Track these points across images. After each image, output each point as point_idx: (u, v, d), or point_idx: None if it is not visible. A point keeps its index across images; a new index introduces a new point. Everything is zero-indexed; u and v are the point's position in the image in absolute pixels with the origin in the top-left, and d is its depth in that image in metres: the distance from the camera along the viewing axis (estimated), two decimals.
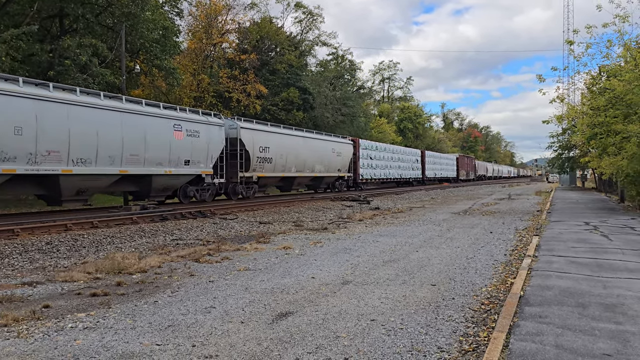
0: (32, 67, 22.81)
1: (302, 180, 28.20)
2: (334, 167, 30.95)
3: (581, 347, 4.25)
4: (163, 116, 17.59)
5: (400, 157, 45.07)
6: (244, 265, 8.36)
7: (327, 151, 30.14)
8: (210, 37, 40.14)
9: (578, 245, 10.03)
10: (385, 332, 4.86)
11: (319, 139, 29.73)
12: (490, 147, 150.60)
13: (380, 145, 41.11)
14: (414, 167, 48.68)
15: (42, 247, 10.18)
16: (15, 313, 5.37)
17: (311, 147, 27.98)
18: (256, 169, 23.20)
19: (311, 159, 27.88)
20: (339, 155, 31.47)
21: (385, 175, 40.36)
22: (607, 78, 19.09)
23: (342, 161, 32.15)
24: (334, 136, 32.39)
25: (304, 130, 28.79)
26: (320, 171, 29.17)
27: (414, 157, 49.44)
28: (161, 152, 17.37)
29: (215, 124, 20.40)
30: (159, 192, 18.18)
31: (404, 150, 47.62)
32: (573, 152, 42.14)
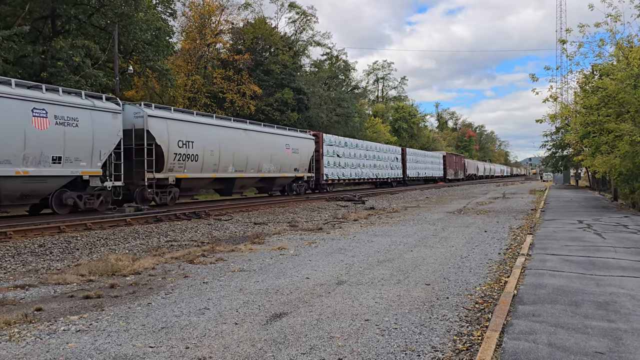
0: (24, 69, 22.69)
1: (246, 182, 23.86)
2: (288, 166, 26.62)
3: (574, 345, 4.27)
4: (15, 97, 13.40)
5: (377, 154, 40.71)
6: (239, 266, 8.35)
7: (279, 147, 25.72)
8: (204, 37, 40.06)
9: (572, 244, 10.07)
10: (379, 332, 4.86)
11: (267, 132, 25.24)
12: (484, 146, 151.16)
13: (351, 141, 36.63)
14: (394, 166, 44.60)
15: (35, 249, 10.12)
16: (7, 316, 5.33)
17: (257, 143, 23.73)
18: (174, 169, 18.70)
19: (257, 156, 23.56)
20: (295, 152, 27.17)
21: (357, 175, 36.16)
22: (599, 77, 19.19)
23: (299, 159, 27.79)
24: (289, 130, 28.19)
25: (247, 122, 24.17)
26: (270, 171, 24.97)
27: (393, 154, 45.03)
28: (9, 146, 13.23)
29: (105, 109, 16.06)
30: (13, 200, 13.95)
31: (381, 148, 42.85)
32: (567, 150, 42.38)
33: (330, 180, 31.95)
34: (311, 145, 29.61)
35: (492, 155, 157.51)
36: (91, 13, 26.55)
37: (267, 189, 26.63)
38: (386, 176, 42.65)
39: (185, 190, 20.41)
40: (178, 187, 19.46)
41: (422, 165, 53.96)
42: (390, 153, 44.36)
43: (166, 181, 18.51)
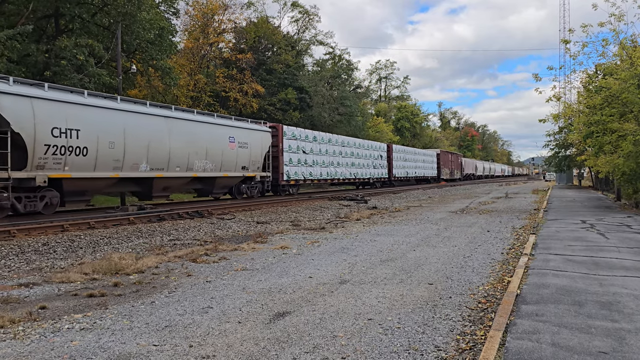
0: (27, 68, 22.75)
1: (171, 183, 18.89)
2: (232, 164, 21.68)
3: (577, 345, 4.26)
4: None
5: (356, 151, 35.86)
6: (242, 265, 8.36)
7: (219, 141, 20.84)
8: (206, 36, 40.10)
9: (575, 244, 10.05)
10: (382, 332, 4.86)
11: (201, 121, 20.03)
12: (487, 146, 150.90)
13: (322, 135, 31.63)
14: (377, 165, 39.80)
15: (39, 248, 10.15)
16: (12, 314, 5.35)
17: (185, 134, 18.87)
18: (46, 166, 13.89)
19: (184, 151, 18.67)
20: (243, 146, 22.20)
21: (329, 175, 31.35)
22: (603, 77, 19.15)
23: (249, 156, 22.75)
24: (236, 119, 22.91)
25: (171, 108, 19.03)
26: (207, 170, 20.07)
27: (376, 152, 39.93)
28: None
29: None
30: None
31: (362, 144, 37.70)
32: (570, 150, 42.27)
33: (294, 180, 27.29)
34: (266, 139, 24.43)
35: (495, 154, 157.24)
36: (95, 12, 26.59)
37: (207, 191, 21.76)
38: (367, 176, 37.90)
39: (73, 195, 15.39)
40: (59, 190, 14.68)
41: (412, 164, 49.60)
42: (372, 150, 39.40)
43: (33, 182, 13.65)
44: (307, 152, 28.91)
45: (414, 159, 50.62)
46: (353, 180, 36.42)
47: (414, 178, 50.18)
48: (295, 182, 27.60)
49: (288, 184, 26.97)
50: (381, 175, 40.93)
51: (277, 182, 25.97)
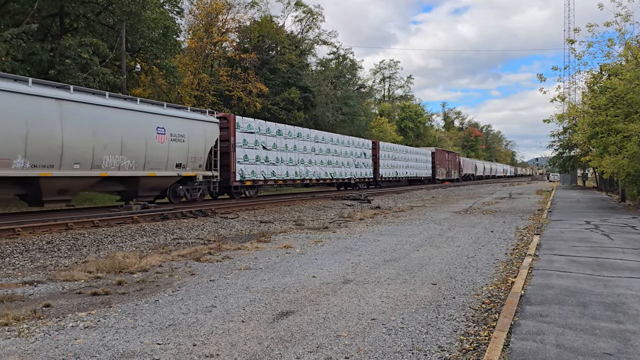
0: (32, 67, 22.81)
1: (69, 184, 14.79)
2: (162, 161, 17.60)
3: (582, 346, 4.25)
4: None
5: (333, 148, 31.98)
6: (245, 265, 8.37)
7: (142, 132, 16.72)
8: (210, 35, 40.15)
9: (579, 244, 10.02)
10: (386, 331, 4.86)
11: (113, 107, 15.76)
12: (491, 146, 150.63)
13: (288, 129, 27.22)
14: (360, 164, 35.87)
15: (43, 246, 10.19)
16: (16, 312, 5.37)
17: (89, 122, 14.94)
18: None
19: (87, 144, 14.84)
20: (178, 139, 18.11)
21: (299, 175, 27.67)
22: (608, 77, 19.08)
23: (187, 151, 18.62)
24: (168, 106, 18.34)
25: (69, 89, 14.74)
26: (124, 168, 16.02)
27: (358, 149, 35.96)
28: None
29: None
30: None
31: (341, 140, 33.68)
32: (574, 151, 42.16)
33: (250, 181, 23.28)
34: (212, 132, 20.33)
35: (499, 155, 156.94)
36: (99, 11, 26.66)
37: (130, 194, 17.55)
38: (347, 176, 33.70)
39: None
40: None
41: (403, 164, 45.53)
42: (354, 147, 35.18)
43: None
44: (269, 147, 24.91)
45: (405, 157, 46.54)
46: (330, 181, 32.34)
47: (405, 178, 46.38)
48: (253, 183, 23.64)
49: (242, 185, 22.97)
50: (365, 175, 36.73)
51: (227, 182, 22.08)
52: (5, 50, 19.59)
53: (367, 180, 37.80)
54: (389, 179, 42.61)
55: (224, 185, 22.14)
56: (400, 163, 44.76)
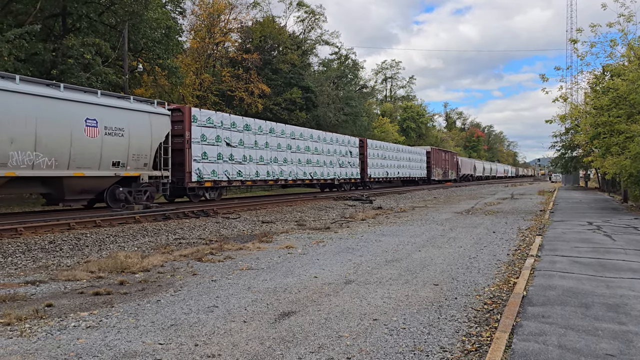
0: (35, 67, 22.86)
1: None
2: (94, 159, 15.11)
3: (584, 347, 4.24)
4: None
5: (313, 146, 29.34)
6: (247, 265, 8.37)
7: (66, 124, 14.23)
8: (212, 36, 40.19)
9: (581, 245, 10.00)
10: (387, 332, 4.85)
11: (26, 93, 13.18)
12: (493, 146, 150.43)
13: (260, 124, 24.49)
14: (345, 163, 33.17)
15: (45, 246, 10.20)
16: (19, 312, 5.38)
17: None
18: None
19: None
20: (115, 134, 15.61)
21: (272, 175, 24.83)
22: (610, 77, 19.05)
23: (127, 147, 16.10)
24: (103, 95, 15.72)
25: None
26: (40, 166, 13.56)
27: (343, 147, 33.31)
28: None
29: None
30: None
31: (323, 136, 30.92)
32: (576, 151, 42.07)
33: (210, 182, 20.64)
34: (162, 125, 17.64)
35: (501, 155, 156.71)
36: (102, 11, 26.70)
37: (55, 197, 15.09)
38: (330, 176, 31.01)
39: None
40: None
41: (395, 163, 42.79)
42: (338, 145, 32.58)
43: None
44: (234, 144, 22.14)
45: (397, 157, 43.63)
46: (310, 181, 29.42)
47: (397, 179, 43.74)
48: (214, 184, 20.93)
49: (201, 187, 20.31)
50: (351, 175, 34.07)
51: (181, 183, 19.45)
52: (8, 51, 19.63)
53: (354, 180, 35.05)
54: (378, 180, 39.78)
55: (179, 187, 19.53)
56: (391, 162, 41.97)
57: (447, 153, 61.47)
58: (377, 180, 39.48)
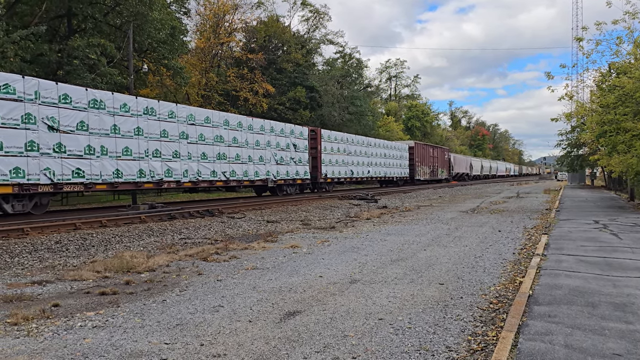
0: (41, 67, 22.98)
1: None
2: None
3: (591, 346, 4.22)
4: None
5: (229, 135, 21.78)
6: (252, 264, 8.38)
7: None
8: (217, 36, 40.26)
9: (587, 244, 9.95)
10: (393, 331, 4.85)
11: None
12: (498, 145, 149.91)
13: (123, 100, 17.12)
14: (285, 159, 25.60)
15: (52, 246, 10.25)
16: (25, 312, 5.41)
17: None
18: None
19: None
20: None
21: (144, 175, 17.45)
22: (616, 75, 18.92)
23: None
24: None
25: None
26: None
27: (282, 138, 25.55)
28: None
29: None
30: None
31: (248, 124, 23.25)
32: (582, 150, 41.84)
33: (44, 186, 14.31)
34: None
35: (506, 154, 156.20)
36: (106, 12, 26.80)
37: None
38: (259, 176, 23.54)
39: None
40: None
41: (364, 160, 35.16)
42: (274, 135, 24.89)
43: None
44: (68, 129, 15.00)
45: (368, 152, 36.01)
46: (224, 183, 21.55)
47: (368, 179, 36.57)
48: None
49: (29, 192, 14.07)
50: (295, 174, 26.48)
51: None
52: (14, 52, 19.75)
53: (301, 181, 27.46)
54: (339, 180, 32.16)
55: None
56: (359, 159, 34.28)
57: (437, 149, 54.53)
58: (336, 180, 31.87)
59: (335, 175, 30.95)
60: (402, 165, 43.01)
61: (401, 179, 42.98)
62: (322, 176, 29.21)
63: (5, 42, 19.26)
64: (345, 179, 32.90)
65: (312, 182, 29.02)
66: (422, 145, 49.54)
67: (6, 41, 19.36)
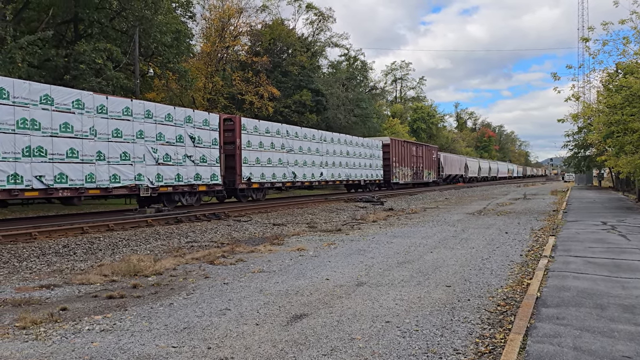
0: (48, 72, 23.15)
1: None
2: None
3: (600, 349, 4.19)
4: None
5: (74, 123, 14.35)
6: (258, 267, 8.38)
7: None
8: (223, 39, 40.39)
9: (595, 246, 9.89)
10: (400, 334, 4.83)
11: None
12: (504, 146, 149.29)
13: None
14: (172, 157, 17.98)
15: (59, 250, 10.30)
16: (34, 315, 5.43)
17: None
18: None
19: None
20: None
21: None
22: (623, 75, 18.82)
23: None
24: None
25: None
26: None
27: (171, 128, 18.06)
28: None
29: None
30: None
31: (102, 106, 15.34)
32: (589, 150, 41.61)
33: None
34: None
35: (512, 155, 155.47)
36: (112, 17, 26.98)
37: None
38: (127, 180, 16.09)
39: None
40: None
41: (314, 159, 27.34)
42: (155, 123, 17.43)
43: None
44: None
45: (321, 149, 28.23)
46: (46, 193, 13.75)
47: (319, 183, 28.26)
48: None
49: None
50: (195, 178, 18.93)
51: None
52: (21, 57, 19.90)
53: (205, 188, 19.64)
54: (272, 185, 24.02)
55: None
56: (305, 158, 26.52)
57: (421, 147, 47.02)
58: (268, 186, 23.73)
59: (267, 179, 23.28)
60: (374, 166, 35.47)
61: (372, 182, 35.37)
62: (243, 180, 21.56)
63: (13, 48, 19.43)
64: (283, 184, 24.86)
65: (228, 188, 21.50)
66: (400, 142, 41.59)
67: (14, 46, 19.52)
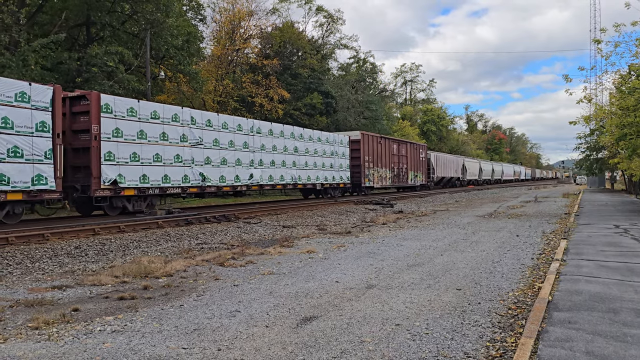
0: (61, 75, 23.38)
1: None
2: None
3: (612, 353, 4.14)
4: None
5: None
6: (268, 269, 8.40)
7: None
8: (233, 42, 40.57)
9: (608, 249, 9.79)
10: (410, 337, 4.82)
11: None
12: (515, 149, 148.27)
13: None
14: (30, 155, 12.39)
15: (71, 251, 10.39)
16: (46, 316, 5.49)
17: None
18: None
19: None
20: None
21: None
22: (636, 77, 18.64)
23: None
24: None
25: None
26: None
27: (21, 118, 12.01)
28: None
29: None
30: None
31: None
32: (601, 153, 41.22)
33: None
34: None
35: (523, 158, 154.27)
36: (124, 20, 27.20)
37: None
38: None
39: None
40: None
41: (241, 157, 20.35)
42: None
43: None
44: None
45: (253, 144, 21.29)
46: None
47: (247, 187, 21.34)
48: None
49: None
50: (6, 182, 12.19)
51: None
52: (34, 60, 20.12)
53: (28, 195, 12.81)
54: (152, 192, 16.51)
55: None
56: (226, 155, 19.59)
57: (405, 145, 38.72)
58: (151, 193, 16.53)
59: (152, 183, 16.40)
60: (336, 166, 28.35)
61: (333, 186, 28.32)
62: (104, 184, 14.96)
63: (26, 51, 19.66)
64: (183, 189, 17.68)
65: (81, 196, 15.21)
66: (376, 138, 33.49)
67: (27, 49, 19.75)
